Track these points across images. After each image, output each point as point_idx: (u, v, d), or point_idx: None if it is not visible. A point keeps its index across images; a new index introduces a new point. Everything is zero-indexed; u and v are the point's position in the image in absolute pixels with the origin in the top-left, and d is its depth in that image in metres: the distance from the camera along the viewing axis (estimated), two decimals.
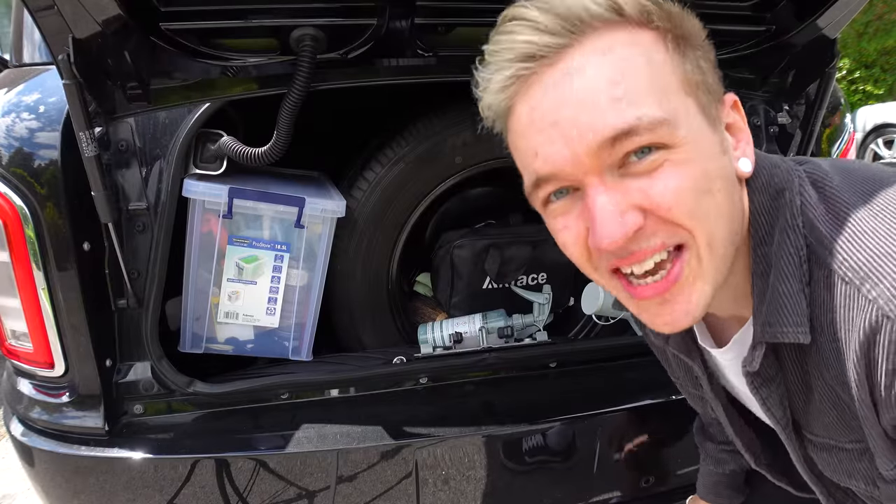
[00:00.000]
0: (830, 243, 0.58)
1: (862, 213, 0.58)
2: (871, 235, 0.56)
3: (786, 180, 0.63)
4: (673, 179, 0.56)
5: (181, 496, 1.20)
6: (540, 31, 0.58)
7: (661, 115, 0.56)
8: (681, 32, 0.60)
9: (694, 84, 0.60)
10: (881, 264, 0.55)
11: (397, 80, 1.25)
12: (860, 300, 0.55)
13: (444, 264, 1.62)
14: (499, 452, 1.29)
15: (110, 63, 1.06)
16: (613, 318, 1.61)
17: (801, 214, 0.61)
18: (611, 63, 0.57)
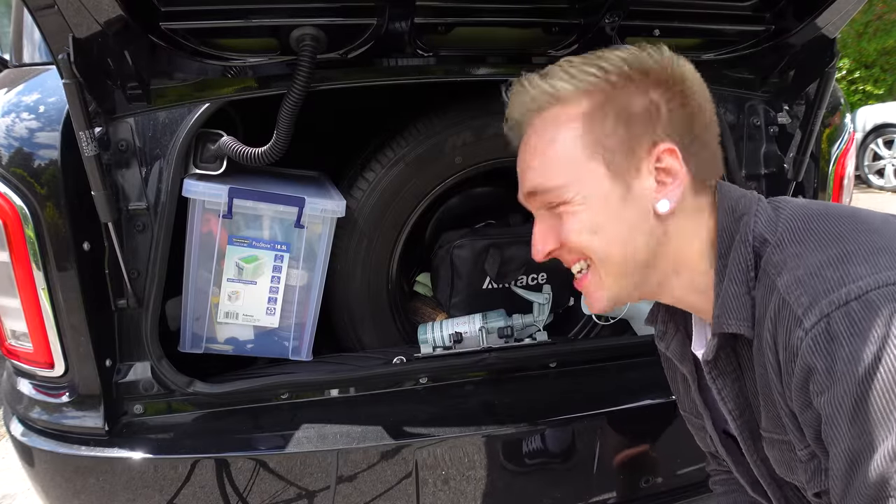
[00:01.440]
0: (775, 262, 0.70)
1: (803, 241, 0.69)
2: (800, 241, 0.69)
3: (747, 207, 0.77)
4: (569, 224, 0.78)
5: (181, 496, 1.20)
6: (518, 104, 0.83)
7: (553, 185, 0.78)
8: (613, 103, 0.77)
9: (603, 149, 0.77)
10: (798, 260, 0.68)
11: (397, 80, 1.25)
12: (773, 290, 0.68)
13: (444, 264, 1.62)
14: (499, 452, 1.29)
15: (110, 63, 1.06)
16: (613, 318, 1.62)
17: (752, 233, 0.74)
18: (535, 140, 0.80)
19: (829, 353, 0.61)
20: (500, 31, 1.25)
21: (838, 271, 0.63)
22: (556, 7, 1.18)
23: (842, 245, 0.65)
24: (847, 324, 0.60)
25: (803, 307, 0.63)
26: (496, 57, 1.30)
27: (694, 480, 1.49)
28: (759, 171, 1.49)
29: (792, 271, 0.67)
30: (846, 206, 0.74)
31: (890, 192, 7.15)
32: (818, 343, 0.62)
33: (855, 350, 0.59)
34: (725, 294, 0.75)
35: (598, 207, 0.77)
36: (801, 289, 0.64)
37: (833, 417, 0.62)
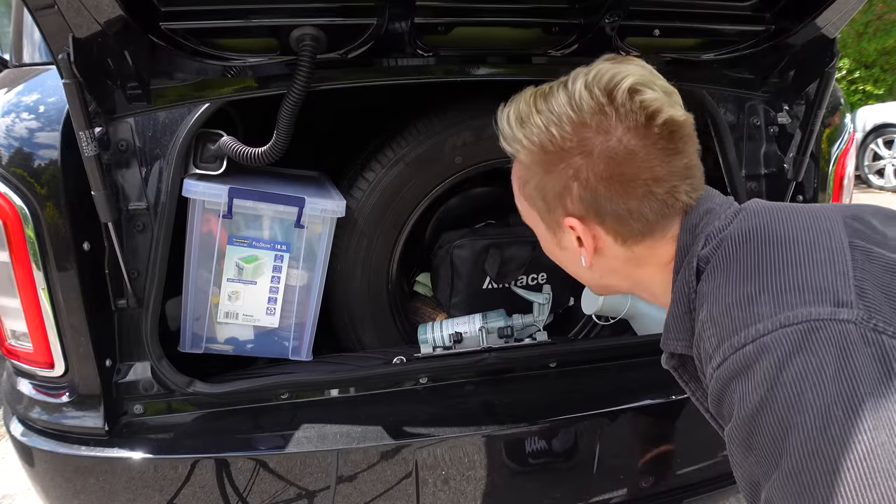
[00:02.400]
0: (702, 293, 0.74)
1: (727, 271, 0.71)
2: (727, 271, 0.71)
3: (706, 226, 0.78)
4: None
5: (181, 496, 1.20)
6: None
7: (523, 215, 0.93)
8: (538, 171, 0.82)
9: (533, 204, 0.87)
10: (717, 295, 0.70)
11: (397, 80, 1.25)
12: (703, 342, 0.71)
13: (444, 264, 1.62)
14: (499, 452, 1.29)
15: (110, 63, 1.06)
16: (613, 318, 1.62)
17: (697, 256, 0.76)
18: None
19: (726, 392, 0.65)
20: (499, 31, 1.25)
21: (743, 312, 0.65)
22: (556, 7, 1.18)
23: (757, 281, 0.66)
24: (740, 366, 0.63)
25: (713, 347, 0.67)
26: (496, 57, 1.30)
27: (694, 481, 1.49)
28: (759, 171, 1.49)
29: (709, 307, 0.70)
30: (798, 223, 0.71)
31: (890, 192, 7.15)
32: (719, 381, 0.66)
33: (745, 392, 0.62)
34: (670, 315, 0.81)
35: (548, 246, 0.93)
36: (713, 328, 0.68)
37: (730, 445, 0.66)
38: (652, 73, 0.80)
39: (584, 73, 0.79)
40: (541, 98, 0.81)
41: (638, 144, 0.76)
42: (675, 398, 1.37)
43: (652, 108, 0.75)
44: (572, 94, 0.77)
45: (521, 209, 0.92)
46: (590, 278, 0.92)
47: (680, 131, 0.78)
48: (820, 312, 0.60)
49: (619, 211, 0.79)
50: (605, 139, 0.76)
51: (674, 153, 0.77)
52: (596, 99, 0.76)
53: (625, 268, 0.86)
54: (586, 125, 0.76)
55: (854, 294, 0.61)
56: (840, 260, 0.64)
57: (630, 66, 0.78)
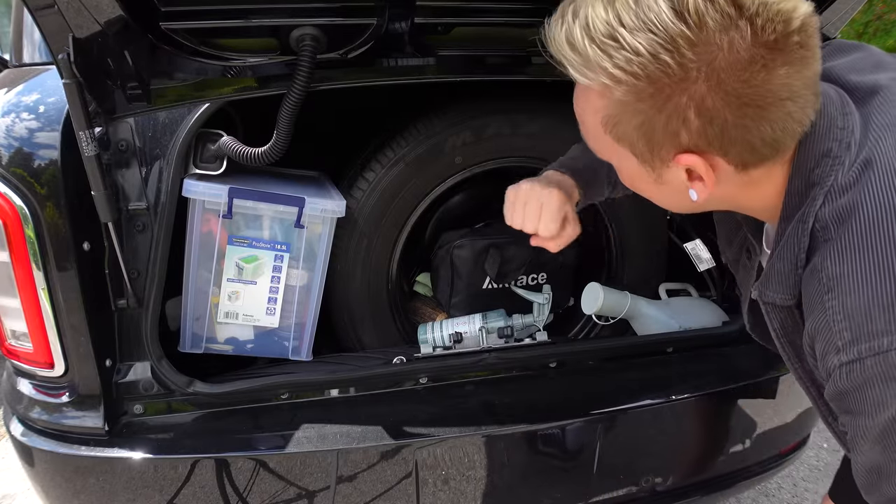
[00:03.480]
0: (830, 274, 0.68)
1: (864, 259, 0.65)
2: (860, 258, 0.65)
3: (823, 177, 0.69)
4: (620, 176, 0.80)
5: (181, 496, 1.20)
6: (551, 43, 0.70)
7: (596, 149, 0.77)
8: (637, 105, 0.66)
9: (628, 141, 0.70)
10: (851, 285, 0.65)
11: (397, 80, 1.25)
12: (820, 303, 0.68)
13: (444, 264, 1.62)
14: (499, 452, 1.29)
15: (110, 63, 1.06)
16: (613, 318, 1.62)
17: (814, 216, 0.69)
18: (574, 104, 0.75)
19: (860, 389, 0.65)
20: (499, 30, 1.25)
21: (885, 316, 0.62)
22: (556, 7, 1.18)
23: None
24: (882, 370, 0.62)
25: (844, 340, 0.65)
26: (496, 57, 1.30)
27: (694, 480, 1.49)
28: None
29: (842, 297, 0.65)
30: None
31: None
32: (851, 377, 0.65)
33: (884, 394, 0.63)
34: (771, 269, 0.75)
35: (637, 180, 0.77)
36: (847, 322, 0.65)
37: (856, 436, 0.68)
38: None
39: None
40: (624, 8, 0.62)
41: (777, 58, 0.61)
42: (675, 398, 1.37)
43: (788, 9, 0.60)
44: (682, 5, 0.60)
45: (594, 143, 0.76)
46: (684, 207, 0.79)
47: (814, 32, 0.64)
48: None
49: (750, 139, 0.66)
50: (737, 58, 0.60)
51: (810, 60, 0.64)
52: (721, 9, 0.59)
53: (733, 193, 0.75)
54: (712, 44, 0.60)
55: None
56: None
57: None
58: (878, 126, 0.70)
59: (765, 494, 2.13)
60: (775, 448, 1.55)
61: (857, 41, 1.00)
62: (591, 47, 0.63)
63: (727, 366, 1.29)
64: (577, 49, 0.65)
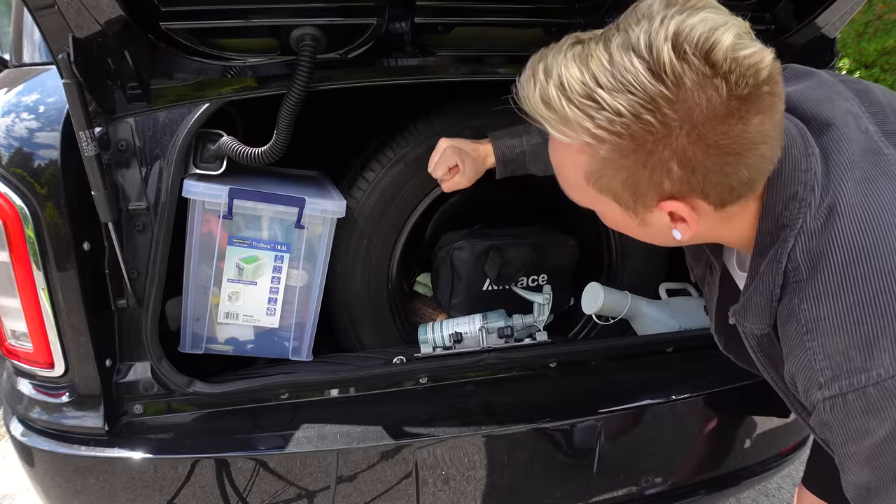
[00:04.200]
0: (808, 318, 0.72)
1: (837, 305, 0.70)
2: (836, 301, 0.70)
3: (791, 219, 0.74)
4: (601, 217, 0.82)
5: (181, 496, 1.20)
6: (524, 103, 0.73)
7: (578, 201, 0.79)
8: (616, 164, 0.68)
9: (610, 192, 0.72)
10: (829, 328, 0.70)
11: (397, 80, 1.25)
12: (801, 343, 0.73)
13: (444, 265, 1.62)
14: (499, 452, 1.29)
15: (110, 63, 1.06)
16: (613, 318, 1.61)
17: (787, 256, 0.74)
18: (552, 157, 0.77)
19: (843, 422, 0.70)
20: (499, 30, 1.25)
21: (862, 355, 0.67)
22: (556, 7, 1.18)
23: (873, 326, 0.67)
24: (862, 404, 0.67)
25: (826, 378, 0.69)
26: (496, 57, 1.30)
27: (694, 480, 1.49)
28: None
29: (821, 339, 0.70)
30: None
31: None
32: (835, 411, 0.70)
33: (866, 423, 0.68)
34: (748, 302, 0.80)
35: (621, 224, 0.80)
36: (827, 361, 0.70)
37: (844, 461, 0.73)
38: (724, 11, 0.66)
39: (659, 31, 0.62)
40: (602, 66, 0.63)
41: (752, 109, 0.64)
42: (675, 398, 1.37)
43: (756, 62, 0.62)
44: (659, 66, 0.61)
45: (574, 194, 0.78)
46: (667, 244, 0.82)
47: (779, 77, 0.66)
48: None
49: (729, 182, 0.68)
50: (715, 112, 0.62)
51: (778, 105, 0.67)
52: (696, 69, 0.61)
53: (712, 229, 0.79)
54: (691, 101, 0.62)
55: None
56: None
57: (707, 14, 0.63)
58: (838, 167, 0.74)
59: (765, 494, 2.13)
60: (775, 448, 1.55)
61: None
62: (570, 108, 0.64)
63: (727, 366, 1.29)
64: (554, 109, 0.66)
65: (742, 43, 0.63)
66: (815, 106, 0.81)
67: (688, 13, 0.62)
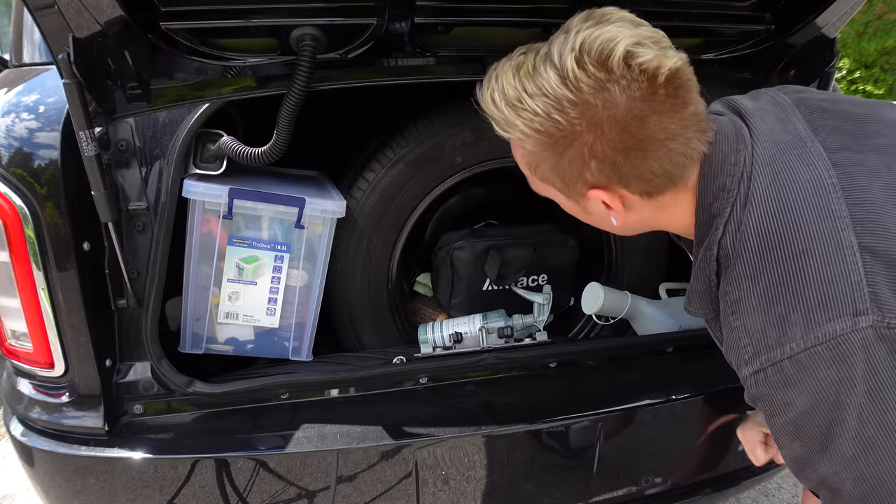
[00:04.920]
0: (731, 300, 0.80)
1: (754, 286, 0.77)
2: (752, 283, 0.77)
3: (721, 210, 0.81)
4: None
5: (181, 496, 1.20)
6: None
7: (537, 189, 0.90)
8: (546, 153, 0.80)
9: (550, 180, 0.84)
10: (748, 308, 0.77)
11: (397, 80, 1.25)
12: (728, 323, 0.80)
13: (444, 265, 1.62)
14: (499, 452, 1.29)
15: (110, 63, 1.06)
16: (613, 318, 1.61)
17: (717, 244, 0.82)
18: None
19: (767, 395, 0.77)
20: (499, 30, 1.25)
21: (777, 332, 0.74)
22: (557, 7, 1.18)
23: (785, 301, 0.74)
24: (780, 378, 0.74)
25: (748, 354, 0.77)
26: (496, 57, 1.29)
27: (694, 480, 1.49)
28: None
29: (742, 318, 0.78)
30: (809, 227, 0.75)
31: None
32: (759, 386, 0.77)
33: (789, 400, 0.75)
34: (691, 289, 0.89)
35: (572, 211, 0.91)
36: (748, 338, 0.77)
37: (777, 434, 0.79)
38: (634, 23, 0.77)
39: (568, 43, 0.74)
40: (526, 77, 0.77)
41: (647, 108, 0.74)
42: (675, 398, 1.37)
43: (651, 68, 0.73)
44: (564, 73, 0.74)
45: (534, 185, 0.91)
46: (620, 230, 0.93)
47: (683, 82, 0.76)
48: (843, 327, 0.70)
49: (641, 173, 0.79)
50: (613, 112, 0.73)
51: (682, 106, 0.76)
52: (593, 75, 0.73)
53: (650, 217, 0.88)
54: (589, 103, 0.73)
55: (868, 300, 0.70)
56: (853, 269, 0.72)
57: (612, 27, 0.74)
58: (759, 163, 0.81)
59: (765, 494, 2.13)
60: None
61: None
62: (507, 109, 0.79)
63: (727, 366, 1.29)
64: (498, 109, 0.80)
65: (637, 52, 0.72)
66: (752, 114, 0.89)
67: (597, 26, 0.74)
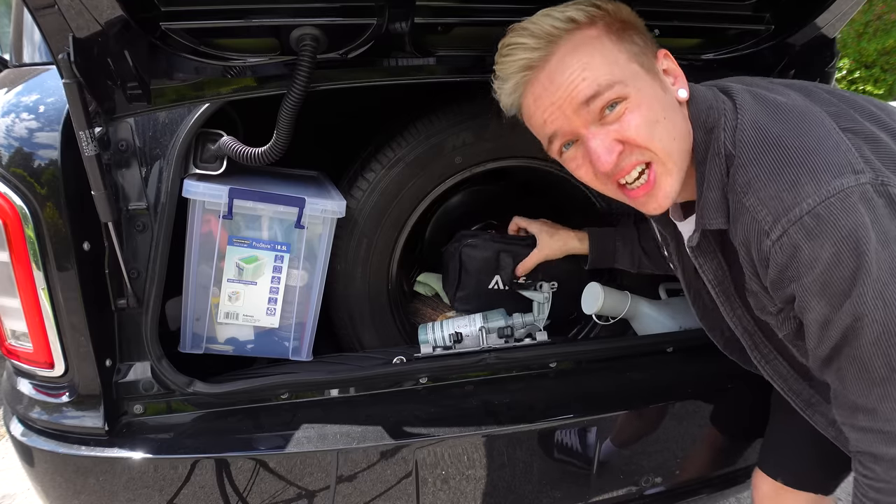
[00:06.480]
0: (742, 183, 0.88)
1: (760, 164, 0.86)
2: (758, 163, 0.86)
3: (716, 120, 0.92)
4: (633, 119, 0.90)
5: (181, 496, 1.20)
6: (529, 49, 0.93)
7: (612, 80, 0.90)
8: (619, 24, 0.93)
9: (633, 54, 0.92)
10: (760, 184, 0.85)
11: (397, 80, 1.25)
12: (742, 207, 0.87)
13: (454, 260, 1.58)
14: (498, 452, 1.29)
15: (110, 63, 1.06)
16: (613, 319, 1.61)
17: (724, 146, 0.90)
18: (577, 57, 0.91)
19: (794, 256, 0.82)
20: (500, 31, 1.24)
21: (791, 194, 0.81)
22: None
23: (794, 169, 0.82)
24: (804, 233, 0.80)
25: (769, 223, 0.83)
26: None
27: (694, 480, 1.49)
28: None
29: (756, 193, 0.85)
30: (792, 117, 0.87)
31: None
32: (784, 249, 0.82)
33: (812, 250, 0.80)
34: (706, 199, 0.93)
35: (652, 100, 0.92)
36: (766, 209, 0.84)
37: (804, 297, 0.84)
38: None
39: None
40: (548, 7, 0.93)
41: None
42: (676, 398, 1.37)
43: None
44: None
45: (610, 76, 0.91)
46: (682, 123, 0.96)
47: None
48: (848, 181, 0.80)
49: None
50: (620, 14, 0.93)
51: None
52: None
53: (682, 120, 0.96)
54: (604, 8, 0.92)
55: (862, 163, 0.81)
56: (842, 142, 0.84)
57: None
58: (736, 90, 0.95)
59: None
60: None
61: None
62: (559, 18, 0.93)
63: (727, 365, 1.30)
64: (555, 27, 0.92)
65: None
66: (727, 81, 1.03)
67: None
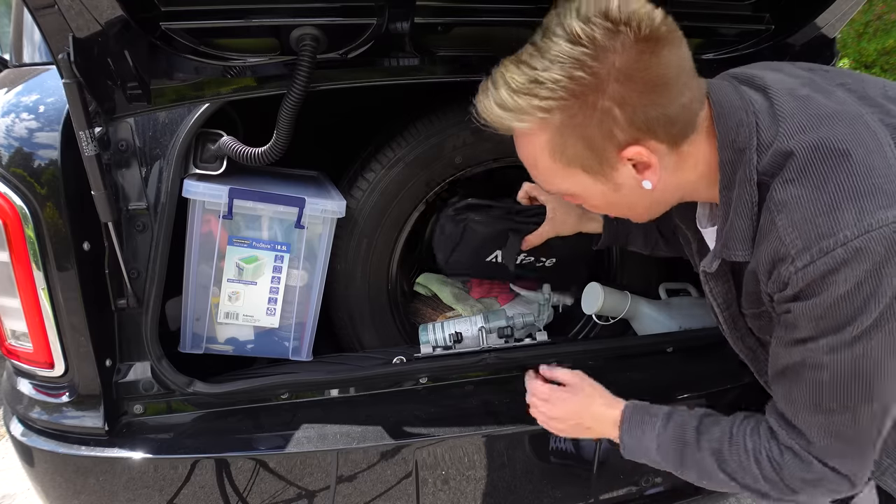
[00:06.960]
0: (777, 201, 0.80)
1: (804, 182, 0.78)
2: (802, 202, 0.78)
3: (748, 140, 0.83)
4: (586, 206, 0.95)
5: (181, 496, 1.20)
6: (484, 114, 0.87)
7: (556, 190, 0.91)
8: (568, 128, 0.81)
9: (576, 160, 0.85)
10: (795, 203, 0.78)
11: (397, 80, 1.25)
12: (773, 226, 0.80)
13: (455, 226, 1.51)
14: (499, 452, 1.29)
15: (110, 63, 1.06)
16: (613, 318, 1.61)
17: (756, 171, 0.83)
18: (521, 155, 0.90)
19: (813, 283, 0.76)
20: (499, 30, 1.25)
21: (828, 220, 0.75)
22: None
23: (835, 193, 0.75)
24: (833, 265, 0.74)
25: (797, 249, 0.77)
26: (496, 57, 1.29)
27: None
28: None
29: (790, 214, 0.78)
30: (845, 132, 0.79)
31: None
32: (806, 278, 0.76)
33: (835, 280, 0.75)
34: (731, 227, 0.86)
35: (600, 198, 0.91)
36: (797, 232, 0.77)
37: (799, 316, 0.80)
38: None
39: (566, 14, 0.78)
40: (532, 59, 0.79)
41: (658, 45, 0.78)
42: (676, 398, 1.37)
43: (650, 12, 0.78)
44: (575, 35, 0.77)
45: (550, 183, 0.90)
46: (648, 203, 0.93)
47: (672, 21, 0.81)
48: (894, 215, 0.73)
49: (667, 113, 0.80)
50: (629, 53, 0.76)
51: (681, 40, 0.81)
52: (601, 26, 0.76)
53: (676, 174, 0.88)
54: (606, 49, 0.76)
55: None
56: (894, 163, 0.76)
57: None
58: (775, 91, 0.86)
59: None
60: None
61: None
62: (519, 97, 0.80)
63: (727, 366, 1.30)
64: (507, 107, 0.81)
65: (628, 1, 0.77)
66: (752, 69, 0.97)
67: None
